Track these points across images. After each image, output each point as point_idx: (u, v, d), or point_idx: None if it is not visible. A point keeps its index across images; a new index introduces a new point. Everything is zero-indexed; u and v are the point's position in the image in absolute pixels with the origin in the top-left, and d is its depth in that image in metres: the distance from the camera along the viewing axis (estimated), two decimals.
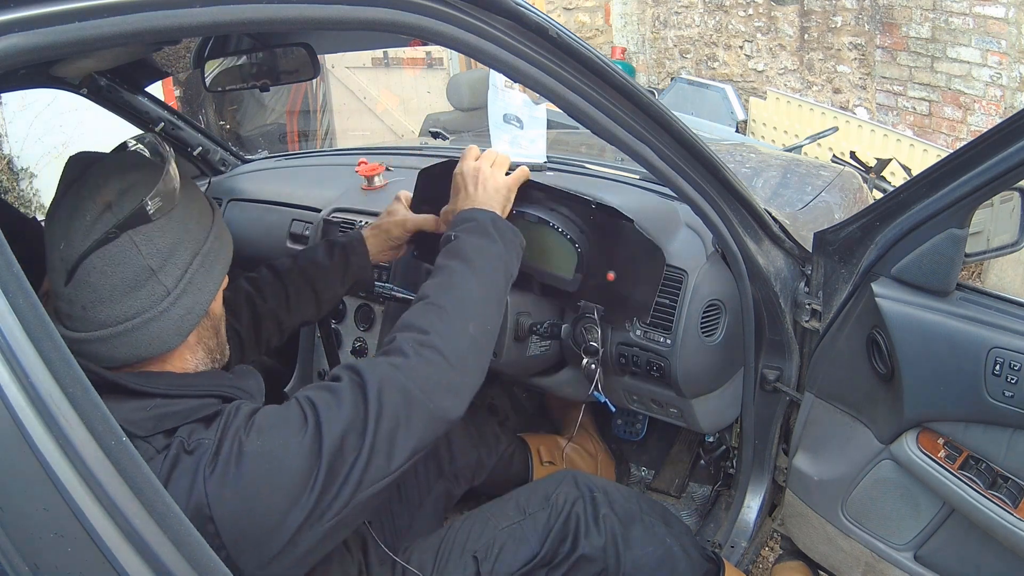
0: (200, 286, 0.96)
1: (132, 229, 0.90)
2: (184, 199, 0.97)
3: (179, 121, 2.30)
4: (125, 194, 0.91)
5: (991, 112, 4.41)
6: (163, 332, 0.93)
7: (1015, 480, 1.17)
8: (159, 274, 0.92)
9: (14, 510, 0.56)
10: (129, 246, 0.90)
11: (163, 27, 0.70)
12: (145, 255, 0.91)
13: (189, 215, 0.97)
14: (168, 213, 0.93)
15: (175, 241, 0.94)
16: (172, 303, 0.93)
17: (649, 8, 6.73)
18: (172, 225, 0.94)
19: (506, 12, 0.96)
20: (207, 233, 0.99)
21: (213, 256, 0.99)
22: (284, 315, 1.44)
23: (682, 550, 1.40)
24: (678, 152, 1.22)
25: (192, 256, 0.96)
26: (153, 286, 0.92)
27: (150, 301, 0.92)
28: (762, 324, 1.50)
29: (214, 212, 1.04)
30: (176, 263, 0.94)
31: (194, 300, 0.96)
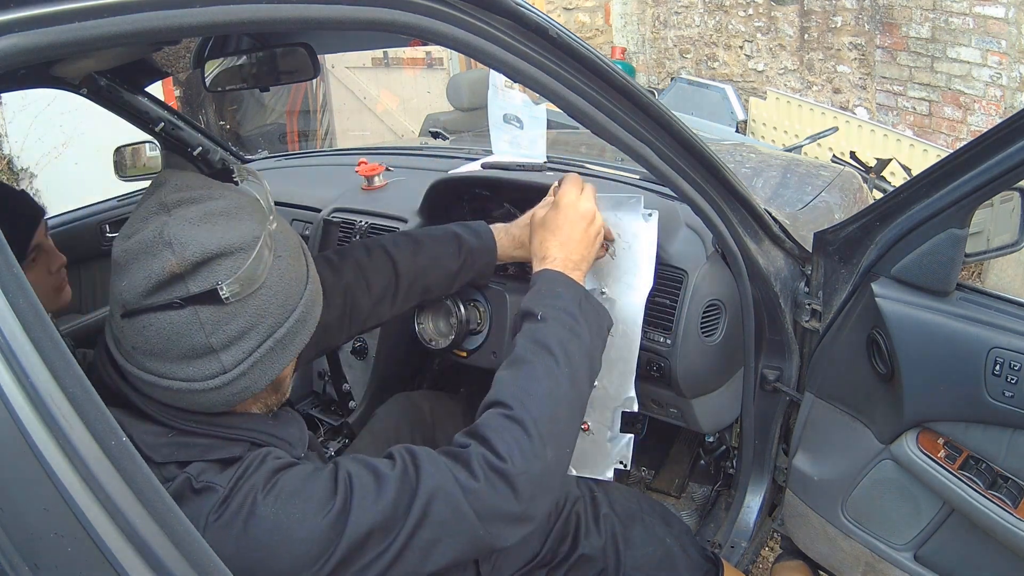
0: (265, 368, 0.87)
1: (200, 305, 0.81)
2: (272, 276, 0.86)
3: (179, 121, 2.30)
4: (201, 268, 0.81)
5: (991, 112, 4.41)
6: (209, 402, 0.85)
7: (1015, 480, 1.17)
8: (220, 353, 0.83)
9: (14, 510, 0.56)
10: (193, 321, 0.81)
11: (163, 27, 0.70)
12: (208, 334, 0.82)
13: (272, 297, 0.86)
14: (246, 298, 0.83)
15: (246, 326, 0.84)
16: (226, 382, 0.84)
17: (649, 8, 6.73)
18: (247, 311, 0.84)
19: (506, 12, 0.96)
20: (289, 314, 0.88)
21: (289, 339, 0.89)
22: (386, 311, 1.32)
23: (682, 550, 1.40)
24: (678, 152, 1.21)
25: (263, 341, 0.86)
26: (210, 361, 0.83)
27: (203, 374, 0.83)
28: (762, 324, 1.50)
29: (307, 286, 0.92)
30: (242, 346, 0.84)
31: (253, 380, 0.86)
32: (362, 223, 1.92)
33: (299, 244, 0.95)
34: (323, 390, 2.02)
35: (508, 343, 1.52)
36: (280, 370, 0.89)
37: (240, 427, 0.91)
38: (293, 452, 0.95)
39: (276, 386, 0.96)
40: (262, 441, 0.92)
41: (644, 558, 1.34)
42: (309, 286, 0.93)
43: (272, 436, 0.93)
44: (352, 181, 2.14)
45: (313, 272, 0.95)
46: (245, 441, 0.90)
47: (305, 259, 0.95)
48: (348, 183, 2.15)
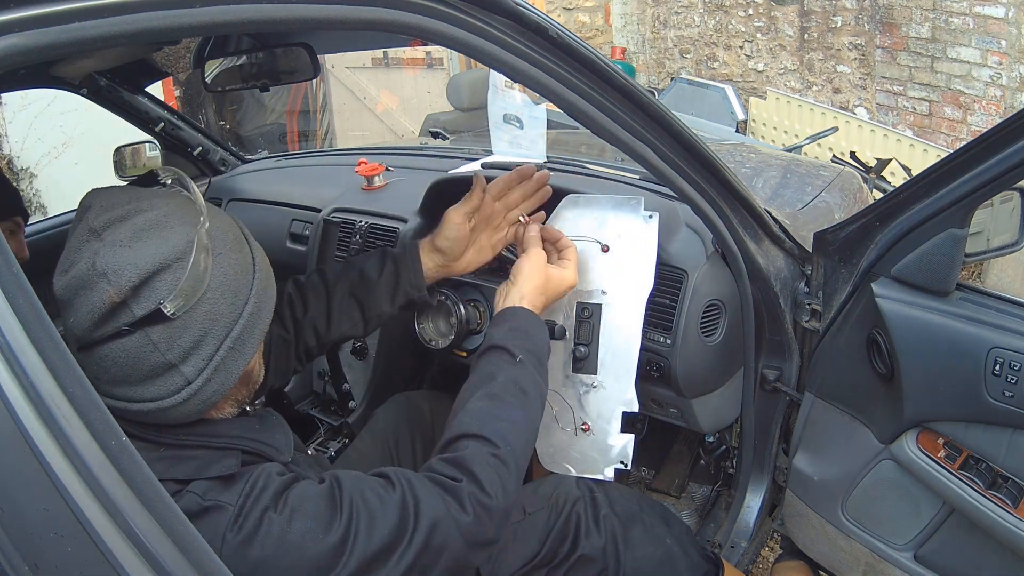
0: (229, 369, 0.88)
1: (148, 327, 0.82)
2: (216, 278, 0.86)
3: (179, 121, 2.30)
4: (141, 291, 0.81)
5: (991, 112, 4.41)
6: (182, 414, 0.86)
7: (1015, 480, 1.17)
8: (181, 367, 0.84)
9: (14, 510, 0.56)
10: (145, 343, 0.82)
11: (163, 27, 0.70)
12: (164, 352, 0.83)
13: (220, 298, 0.86)
14: (192, 308, 0.83)
15: (200, 335, 0.85)
16: (193, 392, 0.85)
17: (649, 8, 6.73)
18: (197, 319, 0.84)
19: (506, 12, 0.96)
20: (241, 309, 0.89)
21: (248, 332, 0.90)
22: (323, 328, 1.33)
23: (682, 550, 1.40)
24: (678, 152, 1.21)
25: (220, 343, 0.87)
26: (172, 376, 0.84)
27: (168, 390, 0.84)
28: (762, 324, 1.50)
29: (254, 276, 0.92)
30: (201, 355, 0.85)
31: (221, 383, 0.88)
32: (362, 223, 1.92)
33: (239, 234, 0.94)
34: (323, 390, 2.02)
35: None
36: (243, 366, 0.90)
37: (228, 435, 0.92)
38: (280, 457, 0.97)
39: (245, 380, 0.97)
40: (252, 449, 0.93)
41: (644, 558, 1.34)
42: (256, 275, 0.93)
43: (260, 443, 0.95)
44: (352, 181, 2.14)
45: (260, 257, 0.95)
46: (236, 450, 0.91)
47: (249, 246, 0.95)
48: (348, 183, 2.15)
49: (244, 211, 2.29)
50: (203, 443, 0.90)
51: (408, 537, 0.89)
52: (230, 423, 0.95)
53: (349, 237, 1.94)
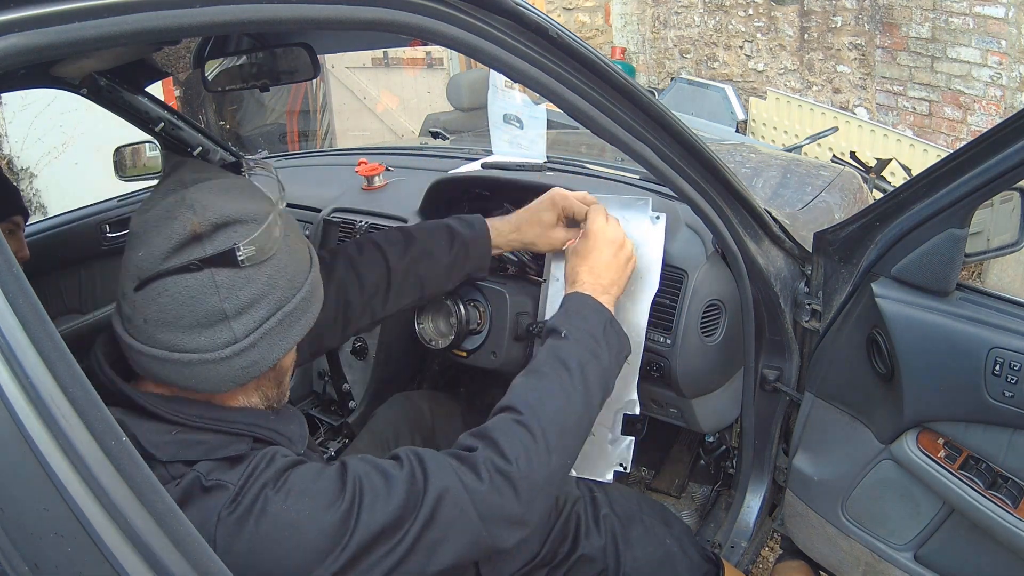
0: (273, 343, 0.89)
1: (216, 268, 0.84)
2: (282, 251, 0.90)
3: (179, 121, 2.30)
4: (220, 231, 0.84)
5: (991, 112, 4.41)
6: (217, 377, 0.87)
7: (1015, 480, 1.17)
8: (232, 321, 0.85)
9: (14, 510, 0.56)
10: (209, 284, 0.84)
11: (163, 27, 0.70)
12: (223, 298, 0.84)
13: (282, 270, 0.90)
14: (260, 264, 0.87)
15: (258, 294, 0.87)
16: (236, 353, 0.86)
17: (649, 8, 6.73)
18: (260, 277, 0.87)
19: (506, 12, 0.96)
20: (297, 290, 0.92)
21: (296, 316, 0.91)
22: (380, 307, 1.31)
23: (681, 550, 1.40)
24: (678, 152, 1.21)
25: (272, 312, 0.88)
26: (221, 330, 0.85)
27: (214, 344, 0.85)
28: (762, 324, 1.50)
29: (311, 269, 0.96)
30: (253, 315, 0.87)
31: (262, 355, 0.88)
32: (362, 223, 1.92)
33: (303, 236, 0.99)
34: (323, 390, 2.02)
35: (508, 343, 1.53)
36: (285, 350, 0.91)
37: (243, 421, 0.92)
38: (294, 448, 0.96)
39: (278, 377, 0.97)
40: (264, 436, 0.93)
41: (644, 558, 1.34)
42: (313, 270, 0.96)
43: (274, 432, 0.94)
44: (352, 181, 2.14)
45: (315, 260, 0.98)
46: (248, 436, 0.91)
47: (309, 250, 0.99)
48: (348, 183, 2.15)
49: None
50: (215, 427, 0.89)
51: (415, 512, 0.87)
52: (246, 411, 0.95)
53: (349, 237, 1.94)
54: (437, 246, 1.32)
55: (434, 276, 1.33)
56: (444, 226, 1.35)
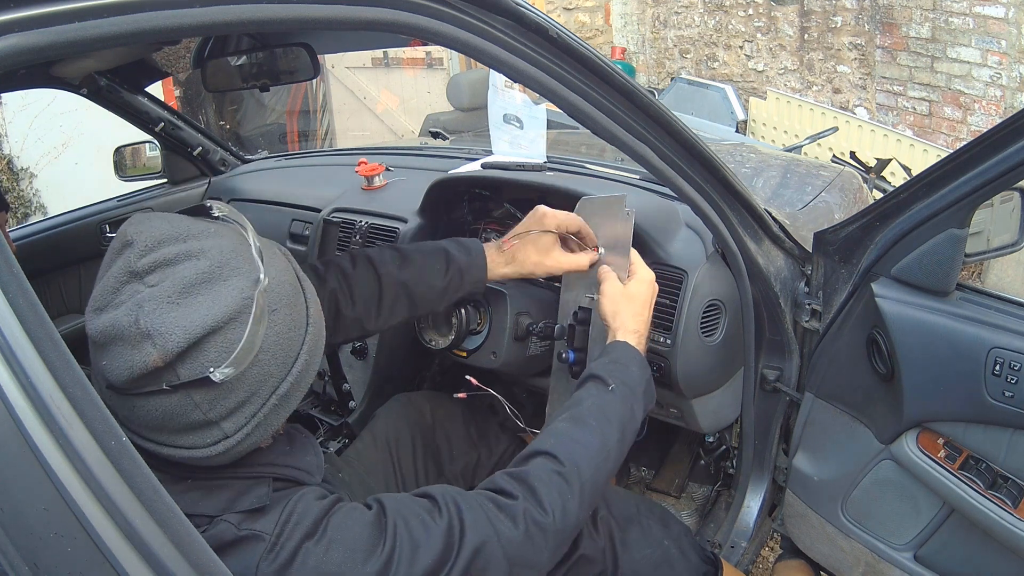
0: (270, 423, 0.84)
1: (192, 390, 0.76)
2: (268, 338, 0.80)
3: (179, 121, 2.30)
4: (188, 356, 0.75)
5: (991, 112, 4.41)
6: (217, 463, 0.83)
7: (1015, 480, 1.17)
8: (221, 423, 0.79)
9: (14, 510, 0.56)
10: (187, 402, 0.77)
11: (163, 27, 0.70)
12: (205, 412, 0.78)
13: (271, 360, 0.81)
14: (242, 374, 0.78)
15: (246, 396, 0.80)
16: (231, 446, 0.81)
17: (649, 8, 6.73)
18: (243, 384, 0.79)
19: (506, 12, 0.96)
20: (290, 367, 0.84)
21: (295, 389, 0.85)
22: (370, 323, 1.27)
23: (680, 552, 1.40)
24: (678, 152, 1.21)
25: (265, 401, 0.82)
26: (211, 431, 0.79)
27: (205, 442, 0.80)
28: (762, 324, 1.50)
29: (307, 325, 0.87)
30: (244, 413, 0.81)
31: (260, 436, 0.84)
32: (362, 223, 1.92)
33: (295, 282, 0.88)
34: (323, 390, 2.02)
35: (508, 343, 1.53)
36: (285, 417, 0.87)
37: (260, 463, 0.89)
38: (312, 480, 0.94)
39: None
40: (284, 476, 0.90)
41: (642, 560, 1.34)
42: (309, 330, 0.87)
43: (292, 468, 0.92)
44: (352, 181, 2.14)
45: (314, 308, 0.90)
46: (267, 478, 0.89)
47: (304, 296, 0.89)
48: (348, 183, 2.15)
49: (244, 211, 2.26)
50: (232, 474, 0.87)
51: (451, 563, 0.87)
52: (261, 451, 0.91)
53: (349, 237, 1.94)
54: (431, 269, 1.29)
55: (426, 298, 1.31)
56: (441, 249, 1.31)
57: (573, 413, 1.08)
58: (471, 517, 0.91)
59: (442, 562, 0.87)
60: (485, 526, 0.91)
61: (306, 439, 1.00)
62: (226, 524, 0.82)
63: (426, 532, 0.88)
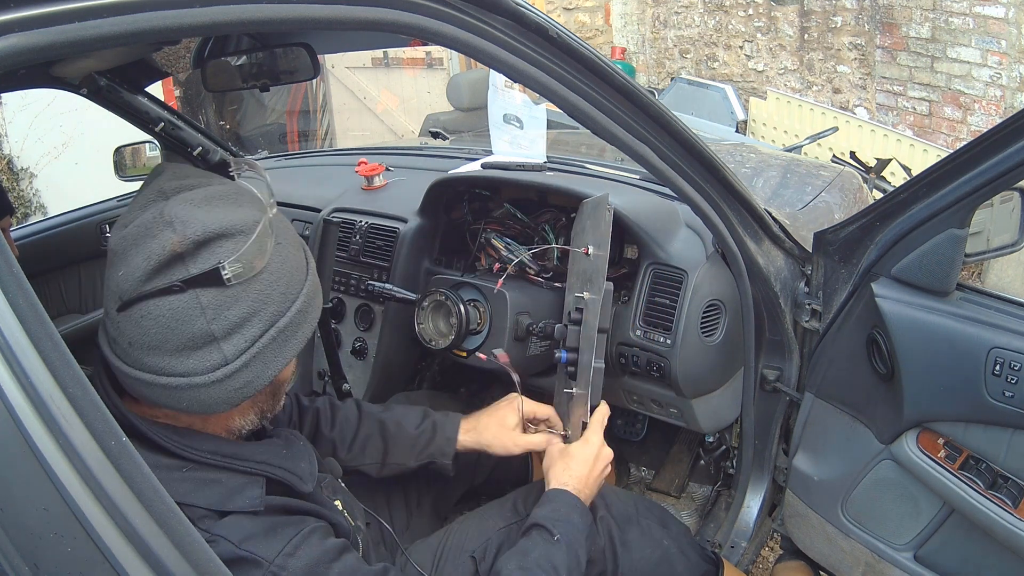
0: (268, 361, 0.85)
1: (201, 288, 0.79)
2: (274, 262, 0.85)
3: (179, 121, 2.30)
4: (203, 248, 0.79)
5: (991, 112, 4.41)
6: (210, 400, 0.83)
7: (1015, 480, 1.17)
8: (221, 342, 0.81)
9: (14, 510, 0.56)
10: (194, 306, 0.79)
11: (163, 27, 0.70)
12: (209, 320, 0.80)
13: (274, 284, 0.85)
14: (249, 280, 0.81)
15: (249, 312, 0.82)
16: (228, 375, 0.82)
17: (649, 8, 6.73)
18: (250, 294, 0.82)
19: (506, 12, 0.96)
20: (291, 303, 0.87)
21: (292, 329, 0.87)
22: (342, 450, 1.33)
23: (680, 551, 1.40)
24: (678, 152, 1.22)
25: (265, 329, 0.84)
26: (211, 352, 0.81)
27: (203, 367, 0.81)
28: (762, 324, 1.50)
29: (307, 277, 0.91)
30: (244, 334, 0.82)
31: (256, 374, 0.84)
32: (362, 223, 1.92)
33: (298, 237, 0.95)
34: (323, 390, 2.02)
35: (508, 343, 1.53)
36: (282, 366, 0.88)
37: (254, 459, 0.90)
38: (303, 487, 0.95)
39: (275, 391, 0.96)
40: (277, 477, 0.92)
41: (641, 560, 1.34)
42: (310, 277, 0.92)
43: (286, 471, 0.93)
44: (352, 181, 2.14)
45: (312, 266, 0.95)
46: (260, 476, 0.90)
47: (305, 253, 0.95)
48: (348, 183, 2.15)
49: None
50: (227, 464, 0.87)
51: None
52: (256, 447, 0.93)
53: (349, 237, 1.94)
54: (408, 418, 1.36)
55: (398, 443, 1.35)
56: (423, 408, 1.41)
57: (521, 563, 1.10)
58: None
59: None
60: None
61: (304, 446, 1.01)
62: (226, 543, 0.82)
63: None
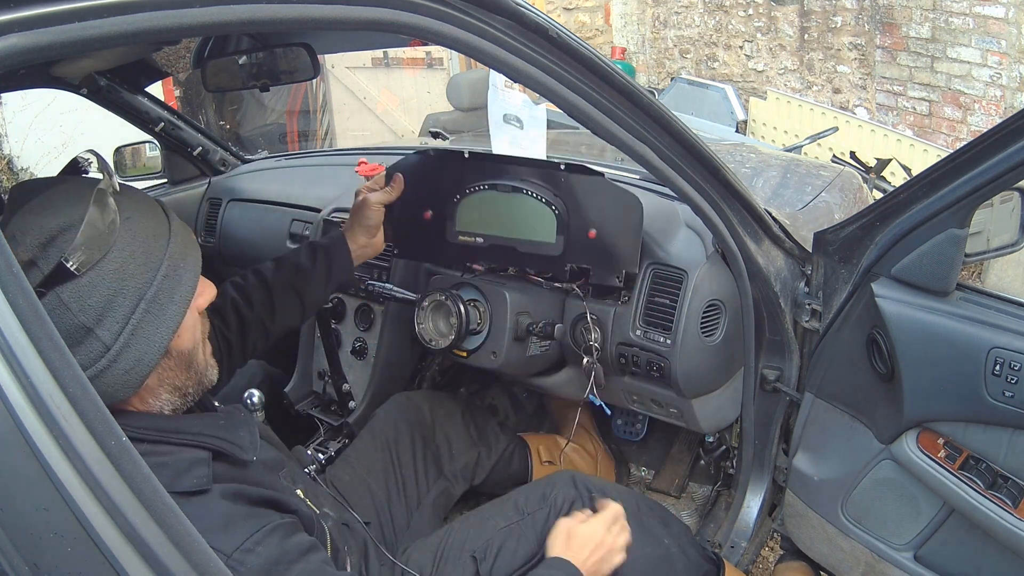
0: (148, 334, 0.86)
1: (58, 286, 0.81)
2: (123, 236, 0.85)
3: (179, 121, 2.30)
4: (48, 248, 0.81)
5: (991, 112, 4.41)
6: (108, 387, 0.84)
7: (1015, 480, 1.17)
8: (96, 330, 0.83)
9: (14, 510, 0.56)
10: (57, 305, 0.81)
11: (163, 27, 0.70)
12: (76, 312, 0.82)
13: (129, 258, 0.86)
14: (97, 264, 0.83)
15: (110, 294, 0.84)
16: (113, 359, 0.84)
17: (649, 8, 6.73)
18: (105, 275, 0.83)
19: (506, 12, 0.96)
20: (155, 271, 0.87)
21: (165, 296, 0.88)
22: (269, 322, 1.40)
23: (680, 550, 1.40)
24: (678, 152, 1.21)
25: (134, 305, 0.85)
26: (91, 343, 0.83)
27: (88, 359, 0.83)
28: (762, 324, 1.50)
29: (169, 240, 0.91)
30: (115, 315, 0.84)
31: (142, 350, 0.86)
32: None
33: (155, 206, 0.94)
34: (323, 390, 2.02)
35: (508, 343, 1.53)
36: (168, 334, 0.88)
37: (189, 431, 0.91)
38: (244, 455, 0.95)
39: (182, 362, 0.94)
40: (216, 447, 0.92)
41: (642, 559, 1.34)
42: (172, 241, 0.91)
43: (224, 441, 0.93)
44: (352, 181, 2.13)
45: (178, 228, 0.94)
46: (202, 448, 0.90)
47: (167, 217, 0.94)
48: (348, 183, 2.14)
49: (244, 211, 2.29)
50: (166, 439, 0.88)
51: None
52: (190, 419, 0.94)
53: None
54: (302, 260, 1.43)
55: (308, 288, 1.43)
56: (306, 244, 1.49)
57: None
58: None
59: None
60: None
61: (244, 418, 1.01)
62: None
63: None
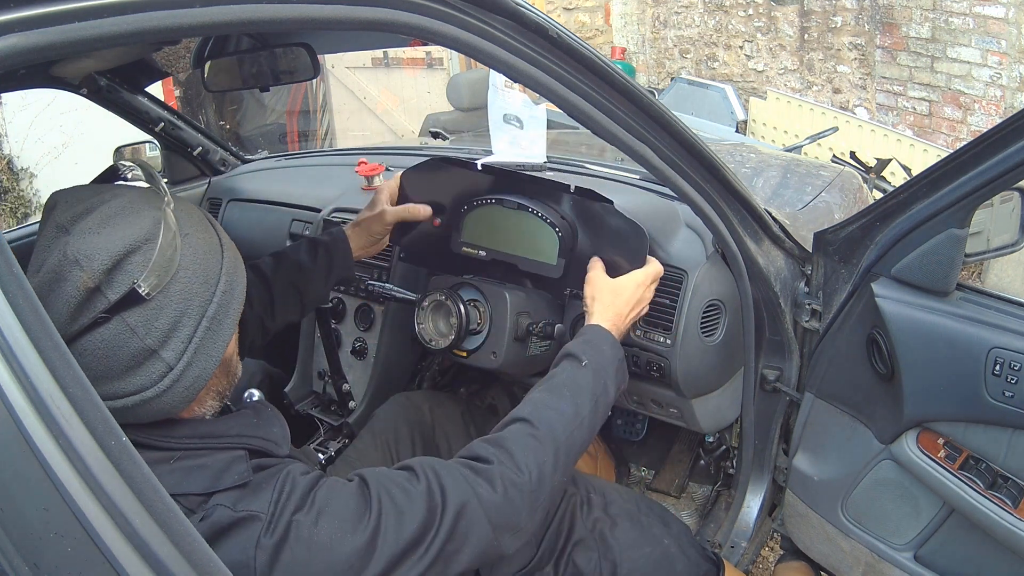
0: (208, 350, 0.88)
1: (125, 312, 0.81)
2: (187, 256, 0.86)
3: (179, 121, 2.30)
4: (114, 273, 0.80)
5: (991, 112, 4.41)
6: (167, 405, 0.85)
7: (1015, 480, 1.17)
8: (161, 352, 0.83)
9: (14, 510, 0.56)
10: (123, 330, 0.81)
11: (163, 27, 0.70)
12: (143, 336, 0.82)
13: (192, 277, 0.86)
14: (167, 287, 0.83)
15: (177, 316, 0.84)
16: (176, 378, 0.85)
17: (649, 8, 6.73)
18: (172, 298, 0.84)
19: (506, 12, 0.96)
20: (215, 288, 0.89)
21: (223, 311, 0.89)
22: (268, 319, 1.40)
23: (680, 550, 1.40)
24: (678, 152, 1.21)
25: (197, 323, 0.86)
26: (154, 364, 0.83)
27: (151, 380, 0.83)
28: (762, 324, 1.50)
29: (223, 253, 0.92)
30: (180, 336, 0.85)
31: (203, 367, 0.87)
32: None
33: (204, 217, 0.96)
34: (323, 390, 2.02)
35: (508, 343, 1.53)
36: (224, 348, 0.90)
37: (229, 435, 0.92)
38: (280, 451, 0.97)
39: (224, 368, 0.96)
40: (255, 447, 0.93)
41: (642, 558, 1.34)
42: (226, 254, 0.93)
43: (261, 439, 0.95)
44: (352, 181, 2.14)
45: (226, 239, 0.95)
46: (241, 449, 0.91)
47: (215, 229, 0.95)
48: (348, 183, 2.14)
49: (244, 211, 2.29)
50: (206, 445, 0.89)
51: (436, 527, 0.91)
52: (227, 422, 0.95)
53: None
54: (302, 257, 1.45)
55: (308, 285, 1.45)
56: (306, 240, 1.51)
57: (548, 385, 1.16)
58: (450, 482, 0.95)
59: (427, 527, 0.91)
60: (464, 489, 0.95)
61: (272, 413, 1.02)
62: (223, 508, 0.84)
63: (409, 500, 0.91)
